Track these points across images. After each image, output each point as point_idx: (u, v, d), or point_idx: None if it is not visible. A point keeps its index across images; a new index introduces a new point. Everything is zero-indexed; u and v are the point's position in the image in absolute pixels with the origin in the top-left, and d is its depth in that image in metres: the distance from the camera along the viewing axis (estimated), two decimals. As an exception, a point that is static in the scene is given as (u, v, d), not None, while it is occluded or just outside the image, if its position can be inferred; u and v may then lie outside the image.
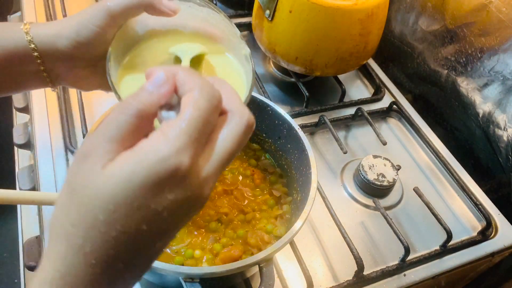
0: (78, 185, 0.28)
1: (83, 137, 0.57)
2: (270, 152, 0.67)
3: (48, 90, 0.71)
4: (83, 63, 0.48)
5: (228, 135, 0.31)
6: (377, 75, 0.92)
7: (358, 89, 0.92)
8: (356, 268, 0.60)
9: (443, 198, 0.74)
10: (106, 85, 0.45)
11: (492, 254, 0.67)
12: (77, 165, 0.29)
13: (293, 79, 0.87)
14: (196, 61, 0.49)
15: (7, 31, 0.45)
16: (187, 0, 0.48)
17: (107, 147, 0.28)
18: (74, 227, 0.28)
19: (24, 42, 0.45)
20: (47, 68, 0.47)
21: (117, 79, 0.47)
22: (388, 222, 0.64)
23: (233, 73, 0.50)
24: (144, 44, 0.49)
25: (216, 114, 0.30)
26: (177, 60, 0.48)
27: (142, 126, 0.29)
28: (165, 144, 0.27)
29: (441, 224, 0.65)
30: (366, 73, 0.94)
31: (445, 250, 0.65)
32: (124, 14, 0.45)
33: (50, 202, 0.49)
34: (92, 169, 0.28)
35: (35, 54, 0.45)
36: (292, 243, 0.61)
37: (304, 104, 0.82)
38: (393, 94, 0.90)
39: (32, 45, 0.45)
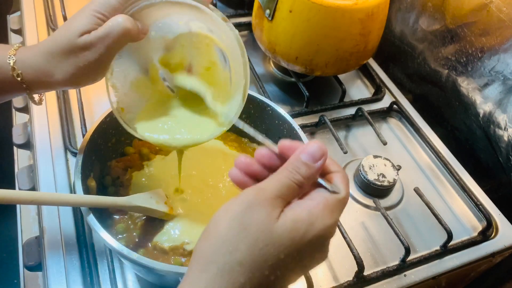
0: (253, 228, 0.32)
1: (83, 137, 0.57)
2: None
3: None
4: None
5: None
6: (377, 75, 0.92)
7: (358, 89, 0.92)
8: (356, 269, 0.60)
9: (443, 198, 0.74)
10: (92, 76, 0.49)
11: (493, 254, 0.67)
12: (250, 209, 0.33)
13: (293, 79, 0.87)
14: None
15: None
16: None
17: (278, 201, 0.34)
18: (241, 266, 0.31)
19: (8, 70, 0.47)
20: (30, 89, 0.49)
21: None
22: (388, 222, 0.64)
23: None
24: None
25: None
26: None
27: (299, 192, 0.36)
28: (330, 217, 0.34)
29: (442, 224, 0.65)
30: (366, 73, 0.94)
31: (446, 250, 0.65)
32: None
33: (49, 202, 0.48)
34: (268, 218, 0.33)
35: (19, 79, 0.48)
36: (292, 243, 0.60)
37: (304, 104, 0.82)
38: (393, 94, 0.90)
39: (16, 74, 0.47)
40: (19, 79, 0.47)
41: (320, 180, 0.36)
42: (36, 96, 0.52)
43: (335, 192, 0.36)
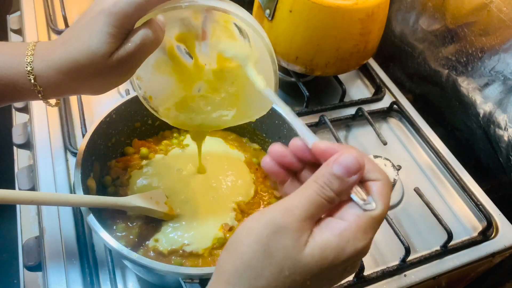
0: (279, 255, 0.31)
1: (83, 137, 0.57)
2: (270, 152, 0.67)
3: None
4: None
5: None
6: (377, 75, 0.92)
7: (358, 89, 0.92)
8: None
9: (443, 198, 0.74)
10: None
11: (493, 255, 0.67)
12: (276, 233, 0.31)
13: (293, 79, 0.87)
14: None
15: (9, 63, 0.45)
16: None
17: (305, 225, 0.31)
18: None
19: (25, 75, 0.44)
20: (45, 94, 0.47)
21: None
22: (388, 222, 0.64)
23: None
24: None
25: None
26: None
27: (329, 207, 0.33)
28: (363, 238, 0.32)
29: (442, 224, 0.65)
30: (366, 73, 0.94)
31: (446, 250, 0.65)
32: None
33: (49, 202, 0.48)
34: (295, 245, 0.31)
35: (35, 86, 0.45)
36: (292, 244, 0.60)
37: (304, 104, 0.82)
38: (393, 94, 0.90)
39: (32, 78, 0.44)
40: (40, 96, 0.45)
41: (353, 196, 0.33)
42: (53, 101, 0.50)
43: (369, 209, 0.32)
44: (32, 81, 0.44)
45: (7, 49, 0.46)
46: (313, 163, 0.36)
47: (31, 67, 0.44)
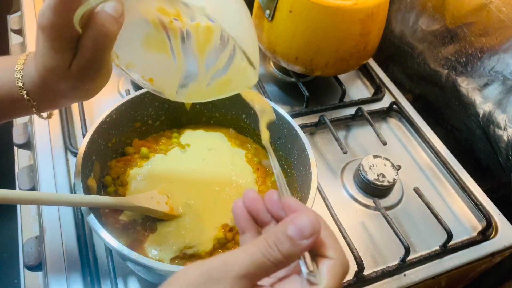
0: None
1: (83, 137, 0.57)
2: (270, 152, 0.67)
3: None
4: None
5: None
6: (377, 75, 0.92)
7: (358, 89, 0.92)
8: (356, 268, 0.60)
9: (443, 198, 0.74)
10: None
11: (493, 254, 0.67)
12: (207, 284, 0.29)
13: (293, 79, 0.87)
14: None
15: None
16: None
17: (241, 283, 0.29)
18: None
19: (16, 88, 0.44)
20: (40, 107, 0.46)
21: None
22: (388, 222, 0.64)
23: None
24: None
25: None
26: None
27: (274, 270, 0.30)
28: None
29: (441, 224, 0.65)
30: (366, 73, 0.94)
31: (446, 250, 0.65)
32: None
33: (50, 202, 0.48)
34: None
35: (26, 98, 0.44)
36: (292, 243, 0.60)
37: (304, 104, 0.82)
38: (393, 94, 0.90)
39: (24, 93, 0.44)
40: (34, 110, 0.45)
41: (301, 263, 0.30)
42: (44, 113, 0.50)
43: (312, 282, 0.29)
44: (25, 96, 0.43)
45: (1, 64, 0.45)
46: (279, 220, 0.35)
47: (22, 82, 0.43)
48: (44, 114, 0.49)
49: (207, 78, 0.49)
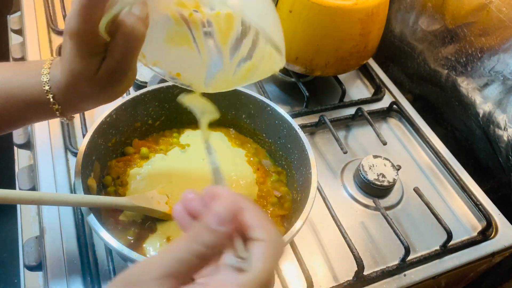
0: None
1: (83, 137, 0.57)
2: (270, 152, 0.67)
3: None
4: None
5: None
6: (377, 75, 0.92)
7: (358, 89, 0.92)
8: (356, 268, 0.60)
9: (443, 198, 0.74)
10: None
11: (492, 254, 0.67)
12: None
13: (293, 79, 0.87)
14: None
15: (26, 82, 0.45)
16: None
17: (166, 283, 0.27)
18: None
19: (43, 94, 0.44)
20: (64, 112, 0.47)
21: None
22: (388, 222, 0.64)
23: None
24: None
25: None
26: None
27: (201, 264, 0.29)
28: None
29: (441, 224, 0.65)
30: (366, 73, 0.94)
31: (445, 250, 0.65)
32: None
33: (50, 202, 0.49)
34: None
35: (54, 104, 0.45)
36: (292, 243, 0.61)
37: (304, 104, 0.82)
38: (393, 94, 0.90)
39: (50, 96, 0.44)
40: (57, 113, 0.46)
41: (227, 253, 0.29)
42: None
43: (242, 268, 0.28)
44: (51, 99, 0.44)
45: (24, 70, 0.46)
46: None
47: (48, 86, 0.44)
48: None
49: (233, 66, 0.49)
